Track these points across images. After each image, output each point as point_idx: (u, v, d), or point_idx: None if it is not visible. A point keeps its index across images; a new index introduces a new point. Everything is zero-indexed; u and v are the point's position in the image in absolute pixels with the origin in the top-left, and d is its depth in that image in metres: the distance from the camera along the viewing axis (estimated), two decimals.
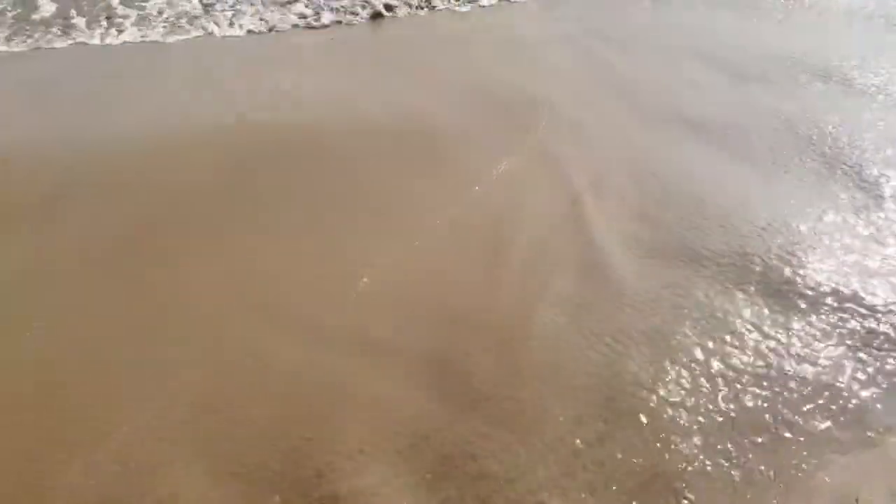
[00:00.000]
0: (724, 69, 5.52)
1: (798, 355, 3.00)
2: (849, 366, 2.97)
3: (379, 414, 2.74)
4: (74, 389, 2.80)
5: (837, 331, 3.11)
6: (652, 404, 2.77)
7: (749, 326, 3.13)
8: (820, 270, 3.42)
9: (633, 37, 6.33)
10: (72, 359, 2.94)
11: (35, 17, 6.17)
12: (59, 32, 5.95)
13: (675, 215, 3.81)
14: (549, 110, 4.91)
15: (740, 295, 3.28)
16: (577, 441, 2.64)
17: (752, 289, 3.31)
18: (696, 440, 2.64)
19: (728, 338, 3.07)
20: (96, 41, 5.86)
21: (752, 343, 3.06)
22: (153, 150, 4.36)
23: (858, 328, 3.13)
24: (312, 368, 2.92)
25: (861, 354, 3.01)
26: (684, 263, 3.46)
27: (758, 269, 3.43)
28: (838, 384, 2.88)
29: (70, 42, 5.84)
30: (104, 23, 6.19)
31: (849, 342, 3.07)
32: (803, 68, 5.48)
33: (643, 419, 2.72)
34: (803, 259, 3.49)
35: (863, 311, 3.22)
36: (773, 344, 3.04)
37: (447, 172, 4.22)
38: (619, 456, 2.58)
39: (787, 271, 3.41)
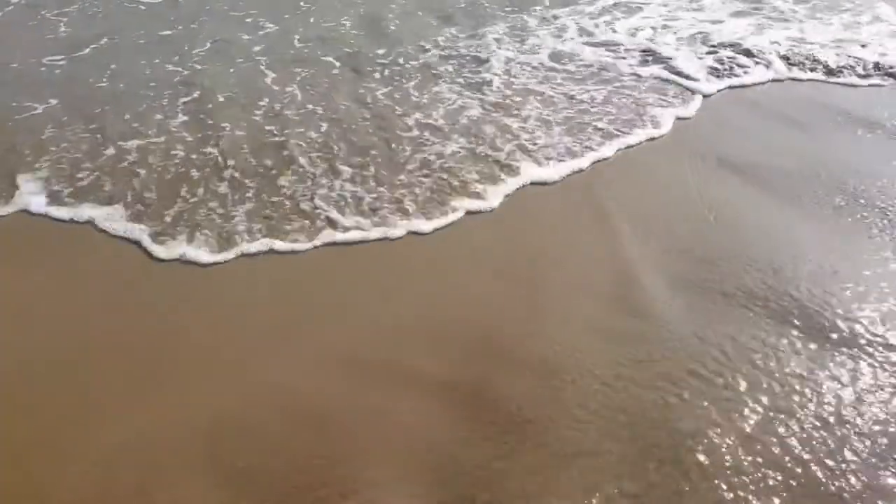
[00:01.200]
0: (770, 116, 5.47)
1: (849, 402, 2.97)
2: None
3: (409, 441, 2.78)
4: (95, 410, 2.93)
5: (888, 376, 3.10)
6: (695, 451, 2.74)
7: (796, 371, 3.12)
8: (869, 316, 3.42)
9: None
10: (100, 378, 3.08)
11: None
12: None
13: (720, 256, 3.82)
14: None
15: (786, 338, 3.28)
16: (616, 483, 2.61)
17: (799, 332, 3.32)
18: (740, 492, 2.59)
19: (774, 382, 3.06)
20: None
21: (798, 389, 3.04)
22: None
23: None
24: (342, 395, 2.99)
25: None
26: (730, 304, 3.49)
27: (806, 312, 3.43)
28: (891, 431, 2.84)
29: None
30: None
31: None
32: (851, 119, 5.37)
33: (684, 465, 2.68)
34: (853, 304, 3.48)
35: None
36: (820, 389, 3.03)
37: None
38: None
39: (838, 316, 3.40)
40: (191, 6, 7.28)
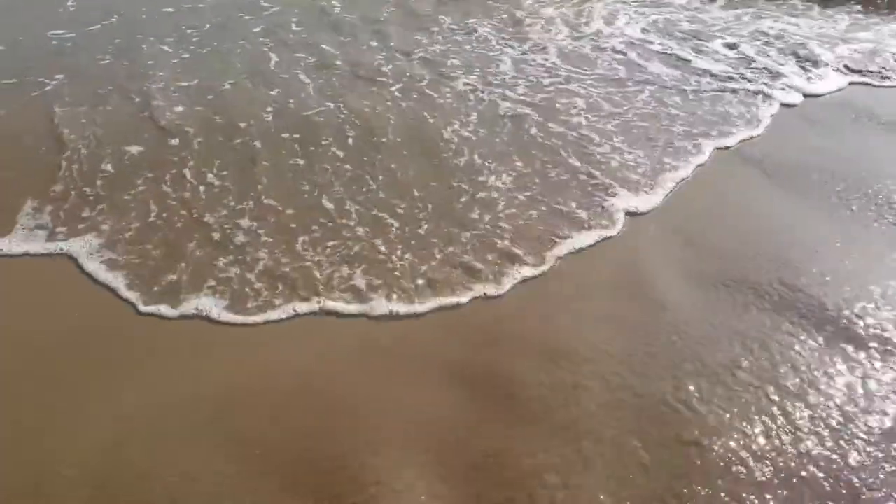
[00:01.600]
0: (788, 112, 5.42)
1: (854, 398, 3.00)
2: None
3: (419, 423, 2.84)
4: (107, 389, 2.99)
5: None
6: (702, 443, 2.78)
7: (804, 364, 3.15)
8: (880, 312, 3.44)
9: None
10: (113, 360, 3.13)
11: None
12: None
13: (728, 246, 3.87)
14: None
15: (801, 333, 3.31)
16: (629, 471, 2.67)
17: (808, 325, 3.35)
18: (741, 478, 2.64)
19: (783, 374, 3.09)
20: None
21: (806, 382, 3.06)
22: None
23: None
24: (349, 376, 3.05)
25: None
26: (737, 295, 3.52)
27: (815, 305, 3.45)
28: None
29: None
30: None
31: None
32: (865, 116, 5.33)
33: (693, 455, 2.73)
34: (861, 299, 3.50)
35: None
36: (828, 383, 3.05)
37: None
38: (666, 485, 2.61)
39: (846, 310, 3.43)
40: None
